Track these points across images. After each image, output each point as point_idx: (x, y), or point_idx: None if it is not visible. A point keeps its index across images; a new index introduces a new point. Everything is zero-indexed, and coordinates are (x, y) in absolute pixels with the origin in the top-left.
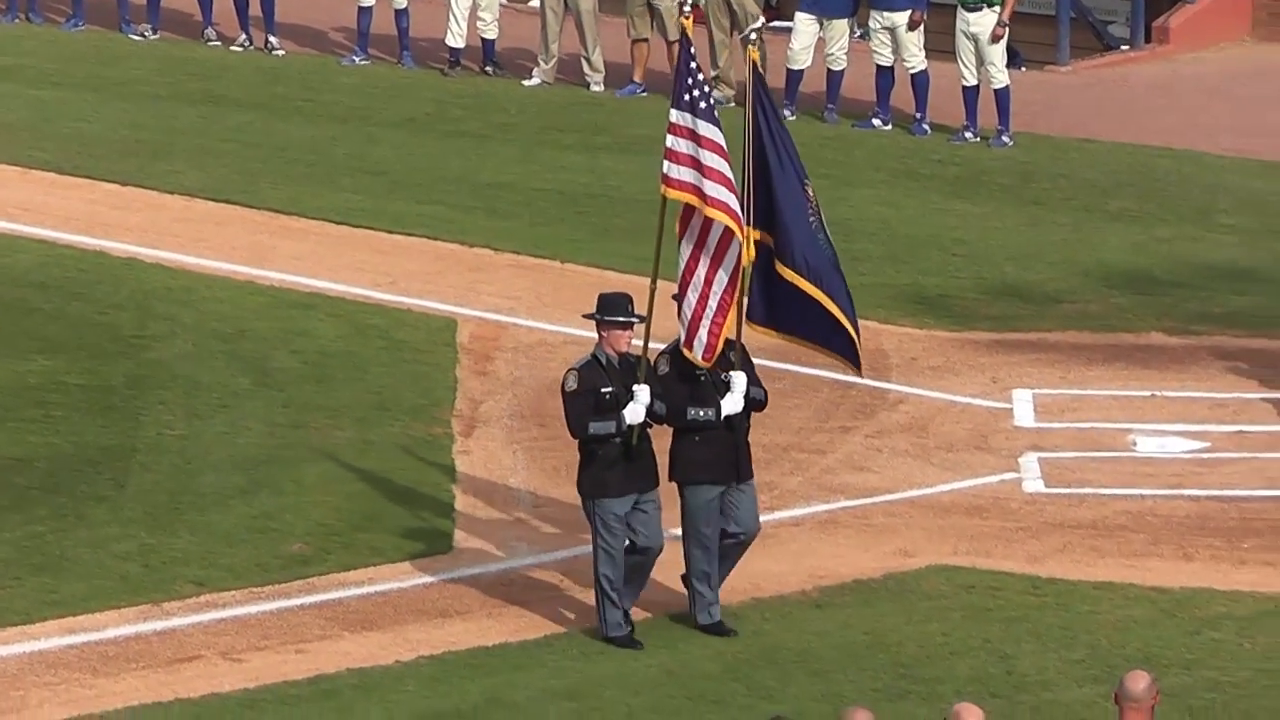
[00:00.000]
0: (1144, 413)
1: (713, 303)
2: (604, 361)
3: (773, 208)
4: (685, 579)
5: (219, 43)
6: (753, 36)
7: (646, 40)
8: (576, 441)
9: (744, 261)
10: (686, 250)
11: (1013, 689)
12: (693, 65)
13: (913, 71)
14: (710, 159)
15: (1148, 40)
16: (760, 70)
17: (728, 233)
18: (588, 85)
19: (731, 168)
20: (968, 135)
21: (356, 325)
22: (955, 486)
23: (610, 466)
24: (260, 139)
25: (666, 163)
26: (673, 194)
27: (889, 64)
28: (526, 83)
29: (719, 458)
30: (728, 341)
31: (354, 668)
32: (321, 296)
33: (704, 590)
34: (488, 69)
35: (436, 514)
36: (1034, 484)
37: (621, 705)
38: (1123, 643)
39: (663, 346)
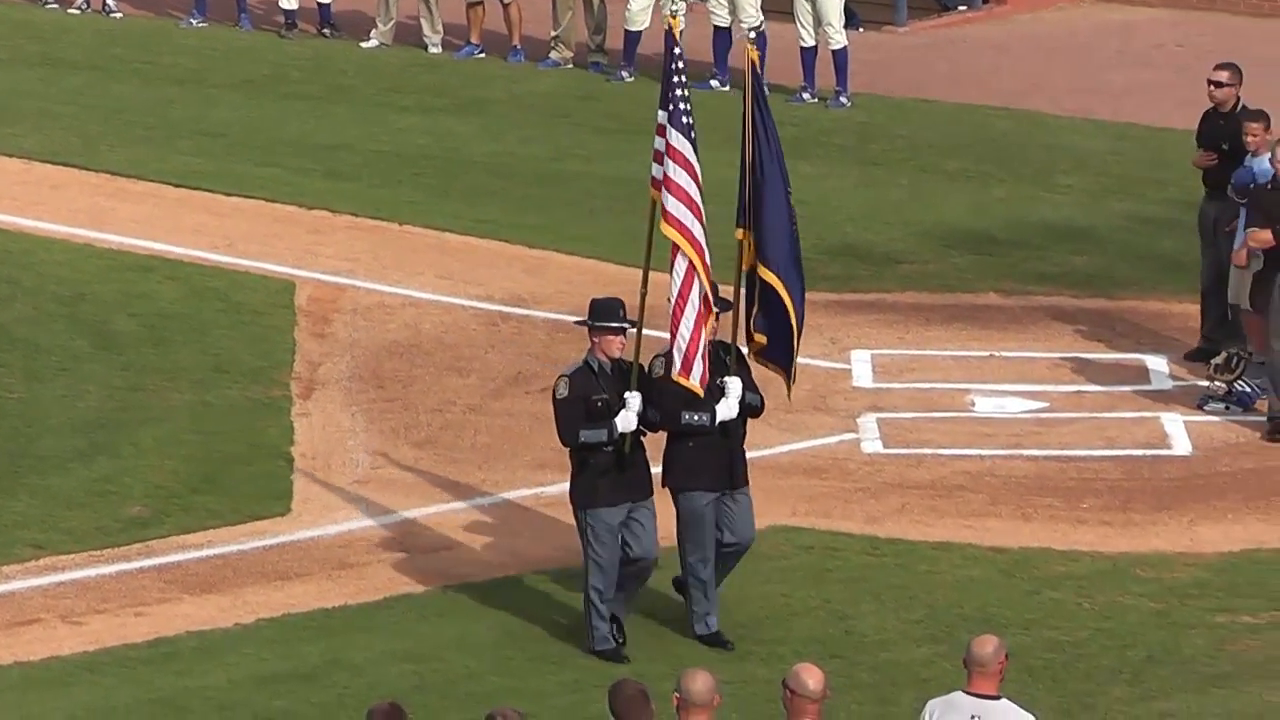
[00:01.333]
0: (982, 373)
1: (689, 324)
2: (596, 368)
3: (760, 210)
4: (678, 586)
5: (57, 5)
6: None
7: (481, 3)
8: (568, 450)
9: (742, 266)
10: (682, 268)
11: (852, 649)
12: (675, 66)
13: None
14: (674, 171)
15: (985, 1)
16: (758, 69)
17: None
18: (426, 47)
19: (698, 185)
20: (806, 96)
21: (195, 288)
22: (794, 447)
23: (602, 475)
24: (98, 101)
25: (654, 164)
26: (655, 194)
27: (726, 25)
28: (364, 44)
29: (714, 464)
30: (723, 345)
31: (194, 630)
32: (160, 259)
33: (699, 600)
34: (325, 31)
35: (275, 476)
36: (873, 444)
37: (461, 666)
38: (961, 603)
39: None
